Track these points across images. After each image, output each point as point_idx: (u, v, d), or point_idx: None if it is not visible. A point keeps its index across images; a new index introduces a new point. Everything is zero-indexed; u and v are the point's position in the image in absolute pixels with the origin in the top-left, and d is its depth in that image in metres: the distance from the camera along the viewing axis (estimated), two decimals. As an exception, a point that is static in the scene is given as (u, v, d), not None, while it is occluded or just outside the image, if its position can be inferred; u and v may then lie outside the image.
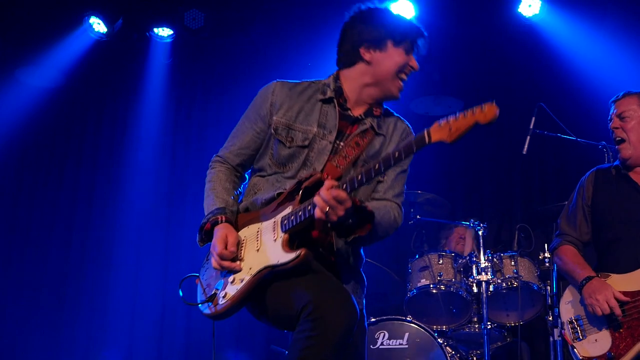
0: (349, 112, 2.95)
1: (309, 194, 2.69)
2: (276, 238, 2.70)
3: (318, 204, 2.57)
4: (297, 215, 2.67)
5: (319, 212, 2.57)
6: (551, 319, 4.90)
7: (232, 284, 2.73)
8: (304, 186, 2.73)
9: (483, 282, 5.18)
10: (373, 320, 4.96)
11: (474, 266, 5.28)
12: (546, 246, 5.29)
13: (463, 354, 5.28)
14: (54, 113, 6.92)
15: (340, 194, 2.56)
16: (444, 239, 6.09)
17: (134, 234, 6.72)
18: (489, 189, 6.97)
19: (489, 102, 2.53)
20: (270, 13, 6.78)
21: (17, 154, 6.86)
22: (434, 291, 5.27)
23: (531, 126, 4.96)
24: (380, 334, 4.90)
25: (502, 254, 5.35)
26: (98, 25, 6.54)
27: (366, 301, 3.00)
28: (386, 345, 4.89)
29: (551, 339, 4.84)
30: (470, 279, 5.26)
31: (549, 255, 5.24)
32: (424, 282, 5.29)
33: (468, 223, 5.56)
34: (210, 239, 2.85)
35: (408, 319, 5.06)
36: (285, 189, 2.81)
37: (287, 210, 2.73)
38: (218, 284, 2.80)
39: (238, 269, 2.74)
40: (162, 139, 7.04)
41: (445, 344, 4.98)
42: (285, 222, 2.70)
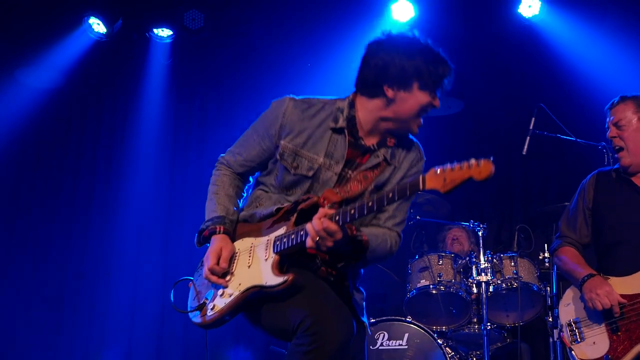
0: (361, 142, 2.85)
1: (304, 215, 2.72)
2: (267, 258, 2.73)
3: (309, 232, 2.60)
4: (290, 238, 2.69)
5: (310, 241, 2.60)
6: (551, 319, 4.90)
7: (221, 296, 2.79)
8: (299, 208, 2.75)
9: (483, 283, 5.17)
10: (373, 320, 4.95)
11: (473, 267, 5.27)
12: (546, 247, 5.30)
13: (463, 354, 5.27)
14: (54, 114, 6.91)
15: (330, 226, 2.56)
16: (441, 239, 6.10)
17: (134, 234, 6.71)
18: (488, 190, 6.96)
19: (485, 159, 2.43)
20: (270, 13, 6.78)
21: (16, 155, 6.85)
22: (433, 292, 5.27)
23: (531, 127, 4.96)
24: (380, 334, 4.90)
25: (501, 255, 5.35)
26: (97, 25, 6.53)
27: (366, 302, 3.01)
28: (386, 345, 4.89)
29: (551, 339, 4.85)
30: (470, 279, 5.26)
31: (548, 255, 5.24)
32: (423, 282, 5.29)
33: (467, 224, 5.56)
34: (207, 241, 2.89)
35: (408, 319, 5.06)
36: (283, 205, 2.82)
37: (281, 230, 2.76)
38: (208, 293, 2.85)
39: (225, 285, 2.79)
40: (162, 139, 7.03)
41: (445, 344, 4.98)
42: (278, 242, 2.73)
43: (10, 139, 6.80)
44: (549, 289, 5.07)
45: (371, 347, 4.85)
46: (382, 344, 4.88)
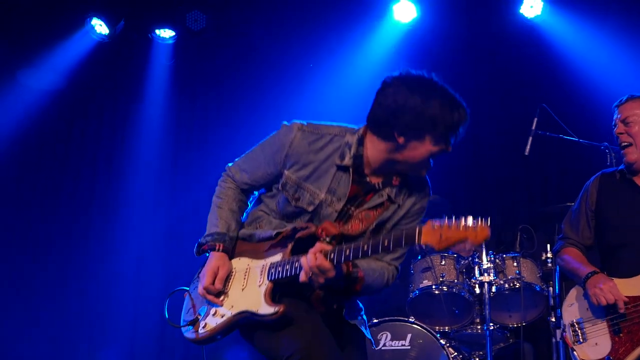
0: (366, 179, 2.81)
1: (302, 244, 2.73)
2: (261, 284, 2.76)
3: (303, 267, 2.62)
4: (285, 268, 2.71)
5: (303, 275, 2.63)
6: (554, 320, 4.90)
7: (213, 316, 2.83)
8: (297, 236, 2.77)
9: (485, 283, 5.17)
10: (375, 321, 4.95)
11: (476, 267, 5.27)
12: (549, 247, 5.29)
13: (465, 355, 5.27)
14: (55, 115, 6.91)
15: (324, 264, 2.58)
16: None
17: (136, 234, 6.71)
18: (491, 190, 6.96)
19: (483, 222, 2.44)
20: (272, 14, 6.78)
21: (18, 156, 6.85)
22: (436, 292, 5.27)
23: (533, 127, 4.96)
24: (382, 335, 4.90)
25: (504, 255, 5.34)
26: (100, 26, 6.55)
27: (368, 302, 3.03)
28: (388, 346, 4.88)
29: (554, 340, 4.84)
30: (472, 279, 5.26)
31: (551, 255, 5.23)
32: (426, 283, 5.29)
33: (470, 224, 5.54)
34: (206, 252, 2.93)
35: (410, 320, 5.06)
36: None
37: (277, 257, 2.78)
38: (202, 309, 2.89)
39: (219, 304, 2.83)
40: (164, 140, 7.03)
41: (447, 345, 4.98)
42: (273, 270, 2.75)
43: (12, 140, 6.80)
44: (551, 289, 5.06)
45: (374, 348, 4.85)
46: (385, 345, 4.88)
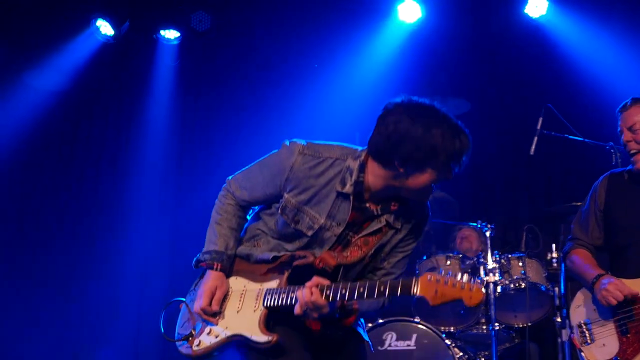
0: (365, 205, 2.79)
1: (299, 272, 2.76)
2: (256, 309, 2.78)
3: (299, 300, 2.64)
4: (281, 297, 2.73)
5: (298, 308, 2.65)
6: (559, 320, 4.89)
7: (208, 334, 2.86)
8: (295, 264, 2.78)
9: (491, 283, 5.17)
10: (381, 321, 4.95)
11: (481, 267, 5.27)
12: (554, 247, 5.29)
13: (471, 355, 5.27)
14: (61, 116, 6.92)
15: (318, 301, 2.60)
16: (452, 239, 6.10)
17: (141, 235, 6.72)
18: (496, 190, 6.96)
19: (477, 285, 2.46)
20: (276, 15, 6.79)
21: (24, 157, 6.86)
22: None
23: (538, 127, 4.95)
24: (388, 335, 4.90)
25: (509, 255, 5.34)
26: (105, 27, 6.55)
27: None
28: (394, 346, 4.88)
29: (559, 340, 4.84)
30: (478, 280, 5.24)
31: (556, 255, 5.22)
32: (431, 283, 5.28)
33: (475, 224, 5.55)
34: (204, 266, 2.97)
35: (416, 320, 5.06)
36: (279, 253, 2.86)
37: (274, 283, 2.80)
38: (197, 325, 2.92)
39: (215, 323, 2.86)
40: (169, 141, 7.04)
41: (453, 345, 4.98)
42: (268, 297, 2.77)
43: (18, 141, 6.82)
44: (557, 289, 5.06)
45: (379, 348, 4.85)
46: (390, 345, 4.88)
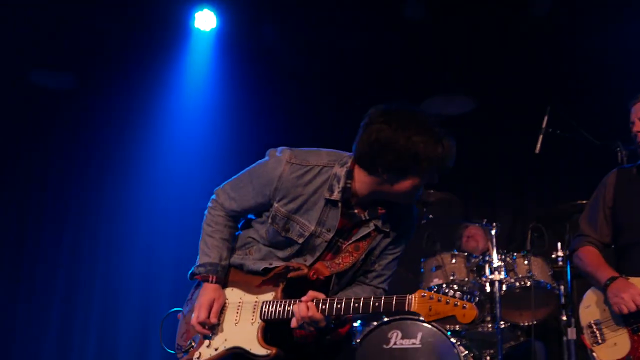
0: (353, 211, 2.84)
1: (293, 284, 2.83)
2: (254, 322, 2.84)
3: (295, 315, 2.71)
4: (277, 310, 2.79)
5: (294, 322, 2.72)
6: (565, 318, 4.88)
7: (207, 347, 2.90)
8: (289, 276, 2.83)
9: (496, 282, 5.16)
10: (386, 320, 4.95)
11: (486, 265, 5.26)
12: (559, 245, 5.27)
13: (476, 353, 5.26)
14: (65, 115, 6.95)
15: (315, 316, 2.68)
16: (457, 237, 6.10)
17: (144, 237, 6.74)
18: (501, 188, 6.95)
19: (471, 304, 2.56)
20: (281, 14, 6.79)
21: (26, 155, 6.88)
22: (447, 291, 5.24)
23: (544, 125, 4.94)
24: (393, 333, 4.90)
25: (515, 253, 5.33)
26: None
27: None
28: (399, 344, 4.88)
29: (565, 338, 4.83)
30: (483, 278, 5.25)
31: (562, 254, 5.20)
32: (436, 281, 5.29)
33: (480, 222, 5.55)
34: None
35: (421, 318, 5.04)
36: (270, 264, 2.89)
37: (269, 296, 2.85)
38: (196, 336, 2.95)
39: (212, 336, 2.90)
40: (175, 136, 7.04)
41: (458, 343, 4.98)
42: (265, 310, 2.83)
43: (20, 138, 6.84)
44: (562, 287, 5.05)
45: (385, 346, 4.85)
46: (395, 343, 4.88)
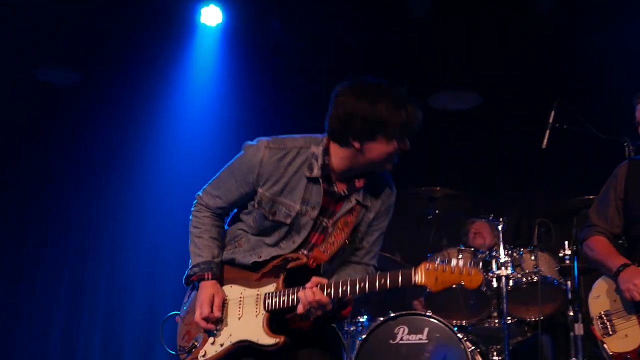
0: (334, 188, 2.91)
1: (293, 273, 2.84)
2: (258, 314, 2.85)
3: (302, 301, 2.72)
4: (281, 300, 2.81)
5: (301, 308, 2.73)
6: (572, 313, 4.88)
7: (211, 344, 2.90)
8: (289, 267, 2.85)
9: (503, 277, 5.16)
10: (393, 315, 4.96)
11: (493, 261, 5.27)
12: (566, 244, 5.25)
13: (483, 348, 5.27)
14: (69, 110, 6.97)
15: (322, 299, 2.70)
16: (464, 233, 6.10)
17: (149, 238, 6.75)
18: (508, 184, 6.94)
19: (476, 268, 2.62)
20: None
21: (29, 153, 6.90)
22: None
23: (550, 120, 4.93)
24: (399, 329, 4.90)
25: (522, 249, 5.33)
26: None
27: (386, 296, 3.09)
28: (406, 340, 4.88)
29: (572, 333, 4.83)
30: (490, 273, 5.25)
31: (569, 252, 5.17)
32: (443, 277, 5.28)
33: (487, 218, 5.54)
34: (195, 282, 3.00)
35: (428, 313, 5.05)
36: (260, 256, 2.92)
37: (271, 287, 2.86)
38: (198, 336, 2.95)
39: (217, 332, 2.91)
40: (180, 133, 7.05)
41: (465, 338, 4.97)
42: (269, 301, 2.84)
43: (24, 135, 6.87)
44: (569, 282, 5.05)
45: (391, 342, 4.86)
46: (402, 338, 4.88)
